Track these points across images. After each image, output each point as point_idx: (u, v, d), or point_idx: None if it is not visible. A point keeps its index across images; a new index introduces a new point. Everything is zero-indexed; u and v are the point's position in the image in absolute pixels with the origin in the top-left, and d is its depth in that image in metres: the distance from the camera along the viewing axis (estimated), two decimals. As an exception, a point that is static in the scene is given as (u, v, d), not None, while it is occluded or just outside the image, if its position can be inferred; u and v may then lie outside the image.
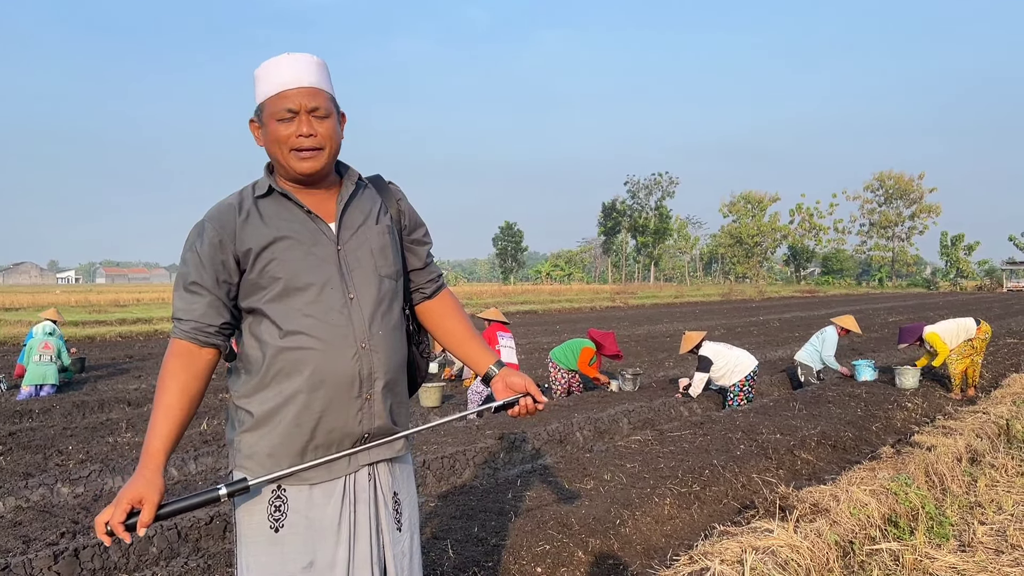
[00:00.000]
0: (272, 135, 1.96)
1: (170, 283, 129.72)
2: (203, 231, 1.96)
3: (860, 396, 8.87)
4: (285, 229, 1.97)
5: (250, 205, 1.99)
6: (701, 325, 22.32)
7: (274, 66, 1.96)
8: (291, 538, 1.96)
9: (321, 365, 1.94)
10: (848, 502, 4.66)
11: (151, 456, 1.85)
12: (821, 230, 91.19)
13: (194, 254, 1.95)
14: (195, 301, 1.94)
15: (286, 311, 1.95)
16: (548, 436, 7.07)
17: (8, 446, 7.15)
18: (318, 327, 1.95)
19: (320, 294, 1.97)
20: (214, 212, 1.99)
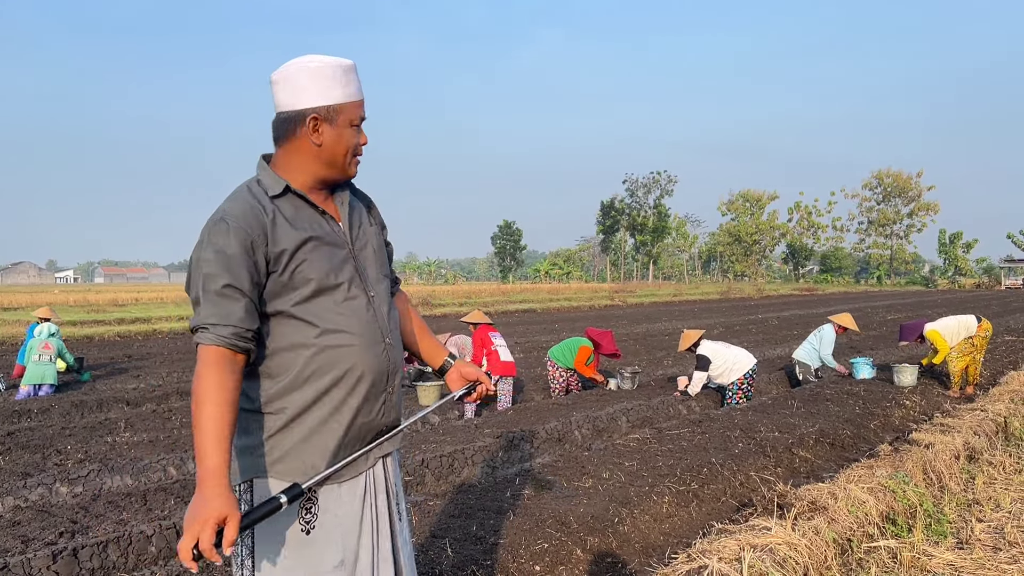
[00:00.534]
0: (344, 139, 2.02)
1: (169, 283, 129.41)
2: (230, 232, 1.87)
3: (858, 394, 8.88)
4: (311, 230, 1.99)
5: (270, 206, 1.96)
6: (700, 323, 22.33)
7: (350, 71, 2.02)
8: (323, 539, 1.98)
9: (359, 361, 2.00)
10: (846, 500, 4.67)
11: (216, 473, 1.76)
12: (819, 228, 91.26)
13: (224, 256, 1.86)
14: (232, 305, 1.86)
15: (320, 310, 1.97)
16: (547, 435, 7.07)
17: (7, 446, 7.15)
18: (354, 324, 2.01)
19: (348, 292, 2.02)
20: (238, 212, 1.91)
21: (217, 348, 1.84)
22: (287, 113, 2.01)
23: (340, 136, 2.00)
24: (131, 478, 6.01)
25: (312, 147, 2.00)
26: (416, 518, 4.60)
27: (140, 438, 7.57)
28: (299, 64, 1.99)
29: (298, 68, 1.99)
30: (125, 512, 5.15)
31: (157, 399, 9.85)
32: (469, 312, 9.75)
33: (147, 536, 4.40)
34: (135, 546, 4.32)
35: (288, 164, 2.03)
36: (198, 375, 1.84)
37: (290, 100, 1.99)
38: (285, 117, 2.01)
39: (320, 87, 1.97)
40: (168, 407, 9.14)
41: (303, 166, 2.02)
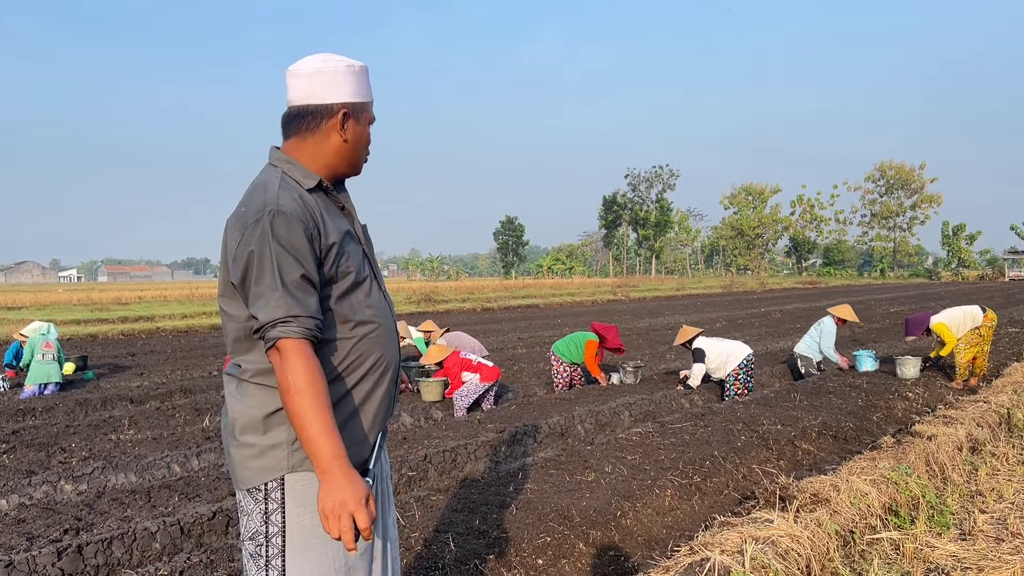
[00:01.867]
0: (365, 136, 2.10)
1: (172, 281, 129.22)
2: (293, 223, 1.87)
3: (861, 387, 8.87)
4: (343, 224, 2.04)
5: (308, 198, 1.97)
6: (703, 317, 22.33)
7: (367, 74, 2.10)
8: None
9: (386, 352, 2.08)
10: (849, 492, 4.67)
11: (341, 458, 1.81)
12: (822, 221, 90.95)
13: (293, 247, 1.86)
14: (310, 297, 1.88)
15: (353, 303, 2.02)
16: (549, 429, 7.08)
17: (11, 444, 7.17)
18: (380, 316, 2.08)
19: (371, 286, 2.09)
20: (291, 203, 1.90)
21: (302, 340, 1.84)
22: (312, 106, 2.02)
23: (362, 133, 2.09)
24: (135, 475, 6.03)
25: (338, 142, 2.04)
26: (419, 513, 4.61)
27: (144, 436, 7.59)
28: (325, 60, 2.03)
29: (327, 64, 2.02)
30: (129, 509, 5.17)
31: (161, 397, 9.87)
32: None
33: (151, 533, 4.42)
34: (139, 543, 4.34)
35: (304, 157, 2.04)
36: (289, 369, 1.82)
37: (317, 94, 2.01)
38: (311, 110, 2.02)
39: (351, 84, 2.04)
40: (172, 404, 9.16)
41: (323, 159, 2.04)
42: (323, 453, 1.79)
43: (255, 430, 1.96)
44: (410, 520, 4.48)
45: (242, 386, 1.99)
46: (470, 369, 8.48)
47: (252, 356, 1.97)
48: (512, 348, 15.01)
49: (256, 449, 1.95)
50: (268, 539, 1.95)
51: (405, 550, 4.02)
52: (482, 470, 6.02)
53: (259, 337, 1.87)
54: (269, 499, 1.95)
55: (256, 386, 1.97)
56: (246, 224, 1.89)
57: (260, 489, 1.95)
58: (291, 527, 1.94)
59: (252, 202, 1.93)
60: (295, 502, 1.95)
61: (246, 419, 1.97)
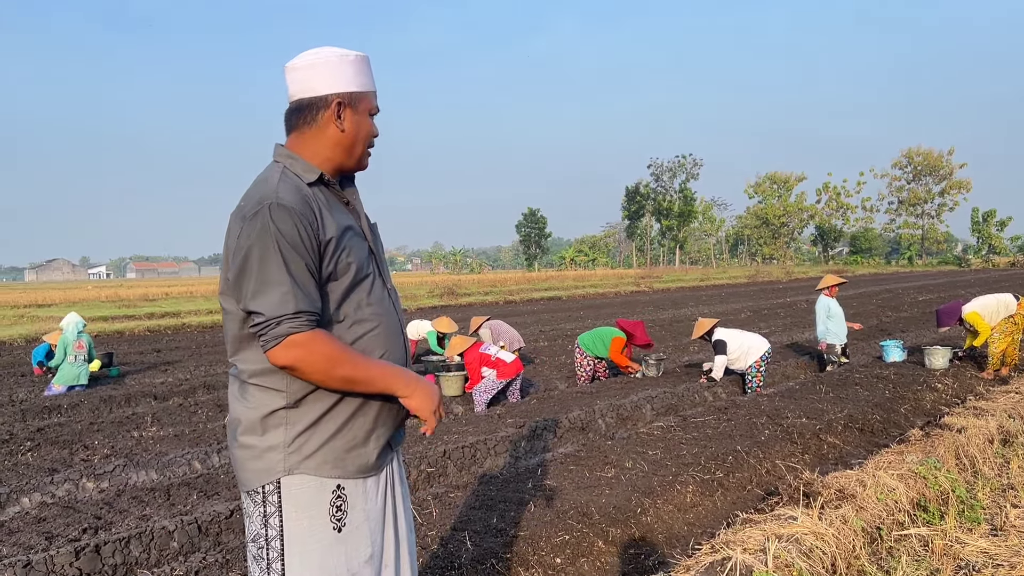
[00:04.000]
0: (364, 126, 2.05)
1: (199, 277, 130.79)
2: (293, 216, 1.83)
3: (888, 378, 8.71)
4: (345, 219, 2.00)
5: (309, 193, 1.94)
6: (728, 308, 22.12)
7: (367, 63, 2.05)
8: (354, 534, 1.98)
9: (388, 351, 2.03)
10: (875, 487, 4.56)
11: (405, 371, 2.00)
12: (849, 209, 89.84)
13: (292, 242, 1.82)
14: (313, 291, 1.87)
15: (353, 301, 1.98)
16: (570, 424, 7.01)
17: (36, 441, 7.23)
18: (381, 315, 2.03)
19: (373, 283, 2.04)
20: (291, 197, 1.87)
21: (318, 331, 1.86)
22: (307, 99, 2.01)
23: (361, 123, 2.04)
24: (156, 473, 6.05)
25: (335, 133, 2.01)
26: (437, 510, 4.56)
27: (166, 432, 7.62)
28: (319, 53, 2.02)
29: (319, 56, 2.01)
30: (148, 507, 5.18)
31: (184, 393, 9.92)
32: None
33: (169, 532, 4.41)
34: (157, 542, 4.33)
35: (306, 151, 2.02)
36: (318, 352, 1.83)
37: (312, 86, 2.00)
38: (307, 103, 2.01)
39: (344, 74, 2.00)
40: (195, 401, 9.20)
41: (323, 153, 2.02)
42: (396, 376, 1.96)
43: (254, 431, 1.93)
44: (427, 518, 4.44)
45: (243, 387, 1.96)
46: (489, 365, 8.42)
47: (250, 355, 1.94)
48: (534, 341, 14.94)
49: (255, 451, 1.93)
50: (268, 542, 1.92)
51: (421, 549, 3.97)
52: (501, 466, 5.97)
53: (261, 332, 1.82)
54: (267, 502, 1.92)
55: (255, 387, 1.93)
56: (245, 218, 1.86)
57: (259, 492, 1.93)
58: (288, 531, 1.91)
59: (251, 197, 1.90)
60: (292, 506, 1.92)
61: (246, 420, 1.94)
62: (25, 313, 26.75)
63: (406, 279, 61.71)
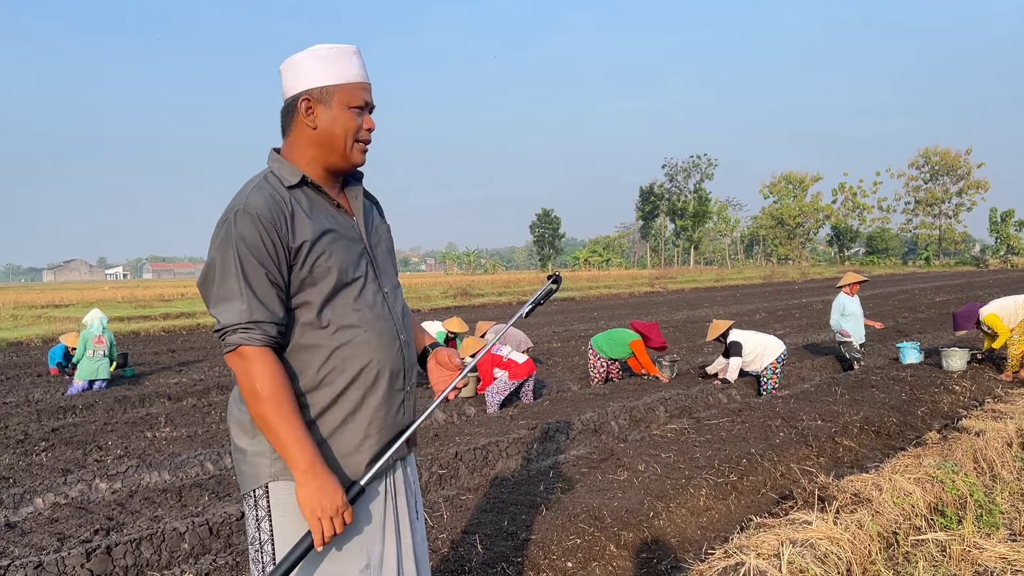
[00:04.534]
0: (342, 122, 1.95)
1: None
2: (255, 223, 1.81)
3: (905, 380, 8.62)
4: (328, 222, 1.93)
5: (288, 196, 1.91)
6: (742, 309, 21.99)
7: (347, 55, 1.96)
8: (346, 541, 1.92)
9: (376, 359, 1.95)
10: (891, 491, 4.50)
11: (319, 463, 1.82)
12: (865, 209, 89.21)
13: (253, 249, 1.81)
14: (274, 300, 1.83)
15: (336, 307, 1.92)
16: (582, 426, 6.97)
17: (51, 442, 7.26)
18: (369, 321, 1.95)
19: (363, 288, 1.97)
20: (258, 203, 1.84)
21: (262, 348, 1.81)
22: (285, 101, 1.99)
23: (335, 118, 1.94)
24: (169, 474, 6.06)
25: (310, 132, 1.96)
26: (448, 513, 4.54)
27: (179, 433, 7.64)
28: (300, 52, 1.98)
29: (295, 56, 1.98)
30: (160, 508, 5.18)
31: (198, 393, 9.96)
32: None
33: (180, 533, 4.41)
34: (168, 543, 4.33)
35: (293, 153, 1.99)
36: (254, 375, 1.80)
37: (288, 87, 1.98)
38: (286, 104, 1.99)
39: (315, 69, 1.94)
40: (208, 401, 9.23)
41: (307, 152, 1.97)
42: (301, 455, 1.80)
43: (245, 434, 1.94)
44: (438, 520, 4.42)
45: (237, 389, 1.97)
46: (500, 366, 8.39)
47: None
48: (547, 342, 14.90)
49: (246, 455, 1.93)
50: (262, 546, 1.92)
51: (431, 552, 3.95)
52: (513, 468, 5.94)
53: (220, 339, 1.83)
54: (258, 506, 1.92)
55: None
56: (217, 225, 1.88)
57: (251, 495, 1.93)
58: (278, 536, 1.90)
59: (229, 204, 1.91)
60: (280, 511, 1.90)
61: (239, 424, 1.95)
62: (43, 313, 26.95)
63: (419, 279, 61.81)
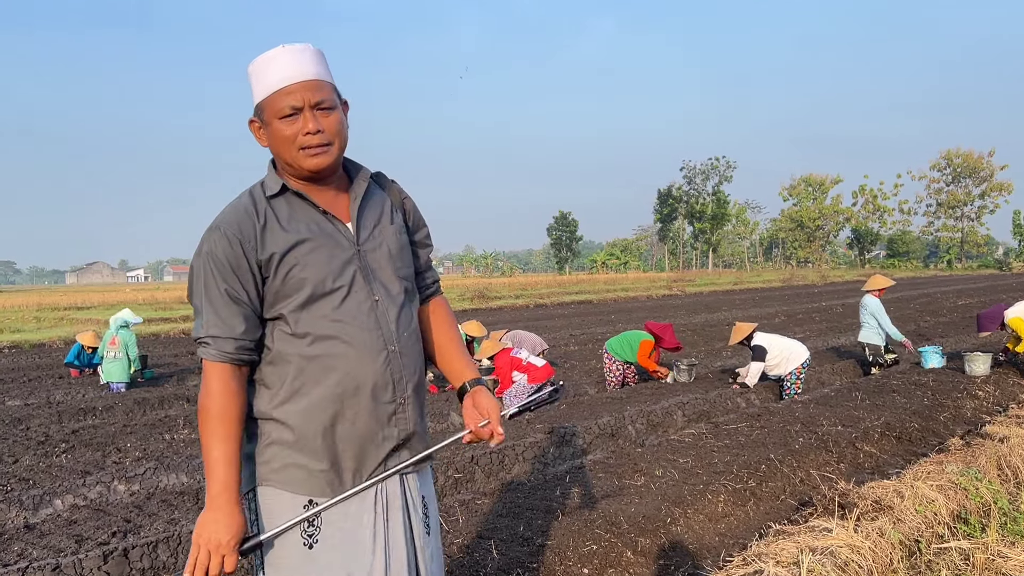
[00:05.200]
0: (277, 134, 1.86)
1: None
2: (224, 238, 1.82)
3: (927, 384, 8.51)
4: (305, 231, 1.87)
5: (265, 207, 1.88)
6: (761, 313, 21.84)
7: (272, 60, 1.84)
8: (327, 554, 1.86)
9: (354, 371, 1.88)
10: (913, 498, 4.44)
11: (229, 491, 1.79)
12: (885, 212, 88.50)
13: (220, 262, 1.82)
14: (233, 316, 1.82)
15: (313, 317, 1.87)
16: (599, 430, 6.93)
17: (71, 444, 7.32)
18: (348, 332, 1.88)
19: (346, 298, 1.89)
20: (229, 217, 1.86)
21: (220, 364, 1.82)
22: None
23: (274, 133, 1.87)
24: (186, 476, 6.08)
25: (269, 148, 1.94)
26: (463, 518, 4.52)
27: (197, 435, 7.66)
28: None
29: None
30: (177, 511, 5.20)
31: (216, 396, 10.00)
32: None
33: (196, 536, 4.41)
34: (184, 546, 4.34)
35: (278, 162, 1.97)
36: (204, 390, 1.82)
37: None
38: None
39: (253, 88, 1.90)
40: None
41: (282, 166, 1.94)
42: (215, 481, 1.78)
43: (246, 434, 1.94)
44: (453, 525, 4.40)
45: None
46: (520, 369, 8.36)
47: None
48: (564, 345, 14.87)
49: (243, 455, 1.92)
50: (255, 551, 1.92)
51: (446, 557, 3.93)
52: (529, 472, 5.91)
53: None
54: (250, 508, 1.91)
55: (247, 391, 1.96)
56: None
57: (245, 498, 1.92)
58: (266, 545, 1.88)
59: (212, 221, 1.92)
60: (266, 516, 1.89)
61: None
62: (65, 315, 27.25)
63: (438, 282, 61.76)
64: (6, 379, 12.10)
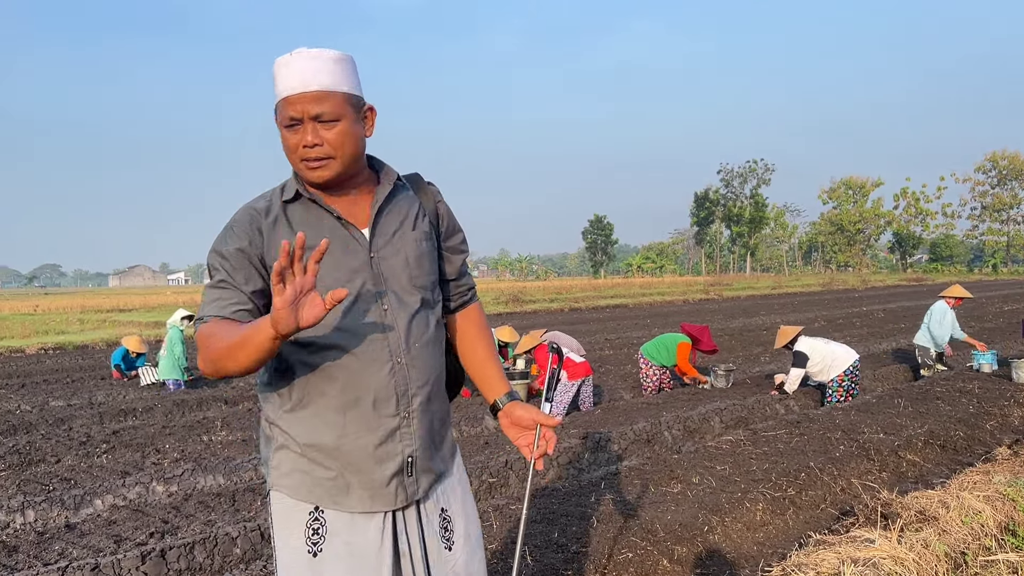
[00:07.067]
0: (283, 142, 1.84)
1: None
2: (230, 235, 1.84)
3: (972, 392, 8.29)
4: (311, 238, 1.82)
5: (278, 210, 1.87)
6: (800, 318, 21.53)
7: (284, 66, 1.79)
8: (331, 564, 1.85)
9: (355, 381, 1.83)
10: (959, 509, 4.31)
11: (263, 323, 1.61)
12: (928, 215, 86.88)
13: (222, 257, 1.82)
14: (226, 299, 1.79)
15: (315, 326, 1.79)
16: (635, 436, 6.86)
17: (111, 444, 7.43)
18: (351, 341, 1.83)
19: (352, 307, 1.84)
20: (241, 216, 1.87)
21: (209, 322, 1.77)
22: None
23: (281, 139, 1.85)
24: (223, 477, 6.13)
25: None
26: (497, 523, 4.49)
27: (234, 437, 7.75)
28: None
29: None
30: (214, 513, 5.24)
31: (253, 398, 10.09)
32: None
33: (232, 538, 4.44)
34: (220, 547, 4.37)
35: None
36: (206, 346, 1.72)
37: None
38: None
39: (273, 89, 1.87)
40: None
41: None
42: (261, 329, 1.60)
43: (264, 443, 1.97)
44: (488, 530, 4.37)
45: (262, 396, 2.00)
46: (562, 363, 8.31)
47: None
48: (599, 349, 14.78)
49: (262, 459, 1.97)
50: (272, 548, 1.94)
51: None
52: (564, 478, 5.86)
53: None
54: (267, 511, 1.98)
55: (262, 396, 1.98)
56: None
57: (264, 500, 1.95)
58: (275, 543, 1.91)
59: None
60: (276, 519, 1.91)
61: (262, 432, 1.98)
62: (107, 318, 27.79)
63: (473, 286, 61.95)
64: (51, 380, 12.36)
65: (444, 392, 2.06)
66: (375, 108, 1.91)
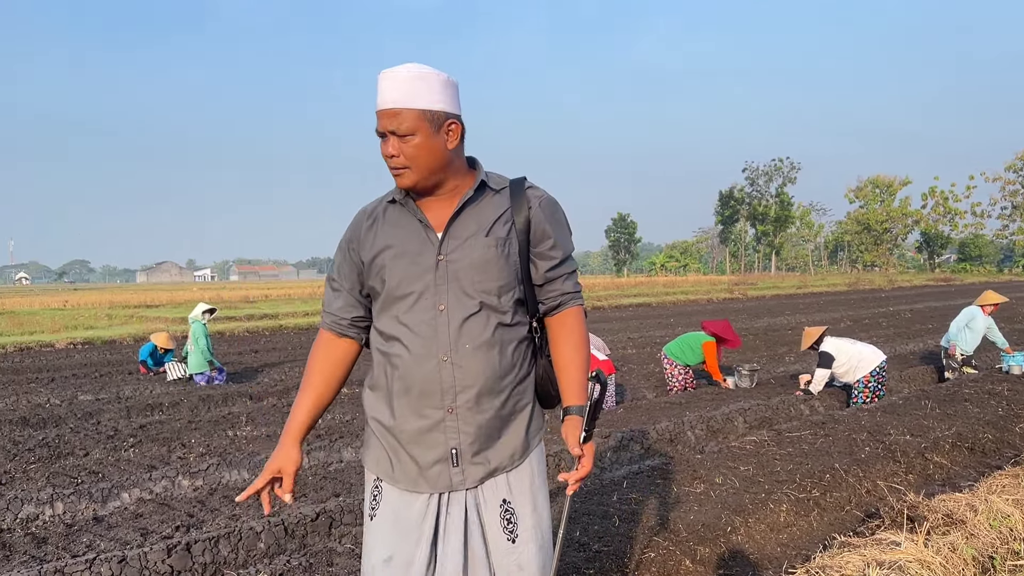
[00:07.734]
0: (383, 149, 2.02)
1: (298, 280, 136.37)
2: (345, 232, 2.17)
3: (1001, 394, 8.17)
4: (393, 238, 2.04)
5: (380, 211, 2.11)
6: (826, 317, 21.32)
7: (379, 82, 1.97)
8: (379, 528, 2.09)
9: (408, 372, 2.01)
10: (987, 512, 4.26)
11: (290, 431, 2.11)
12: (957, 214, 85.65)
13: (338, 251, 2.17)
14: (334, 296, 2.16)
15: (387, 318, 2.05)
16: (658, 435, 6.83)
17: (138, 438, 7.52)
18: (408, 335, 2.01)
19: (415, 303, 2.01)
20: (355, 216, 2.17)
21: (323, 330, 2.20)
22: None
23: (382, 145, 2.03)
24: (248, 472, 6.19)
25: None
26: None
27: (259, 432, 7.82)
28: None
29: None
30: (238, 507, 5.29)
31: (278, 393, 10.17)
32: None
33: (256, 533, 4.48)
34: (245, 542, 4.41)
35: None
36: (311, 350, 2.19)
37: None
38: None
39: None
40: (288, 401, 9.42)
41: None
42: (288, 422, 2.13)
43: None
44: (509, 528, 4.37)
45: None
46: None
47: None
48: (622, 348, 14.73)
49: None
50: None
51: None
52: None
53: None
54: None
55: None
56: None
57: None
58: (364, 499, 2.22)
59: None
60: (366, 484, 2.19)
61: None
62: (135, 313, 28.10)
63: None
64: (79, 374, 12.53)
65: (514, 391, 2.09)
66: (460, 122, 2.00)
